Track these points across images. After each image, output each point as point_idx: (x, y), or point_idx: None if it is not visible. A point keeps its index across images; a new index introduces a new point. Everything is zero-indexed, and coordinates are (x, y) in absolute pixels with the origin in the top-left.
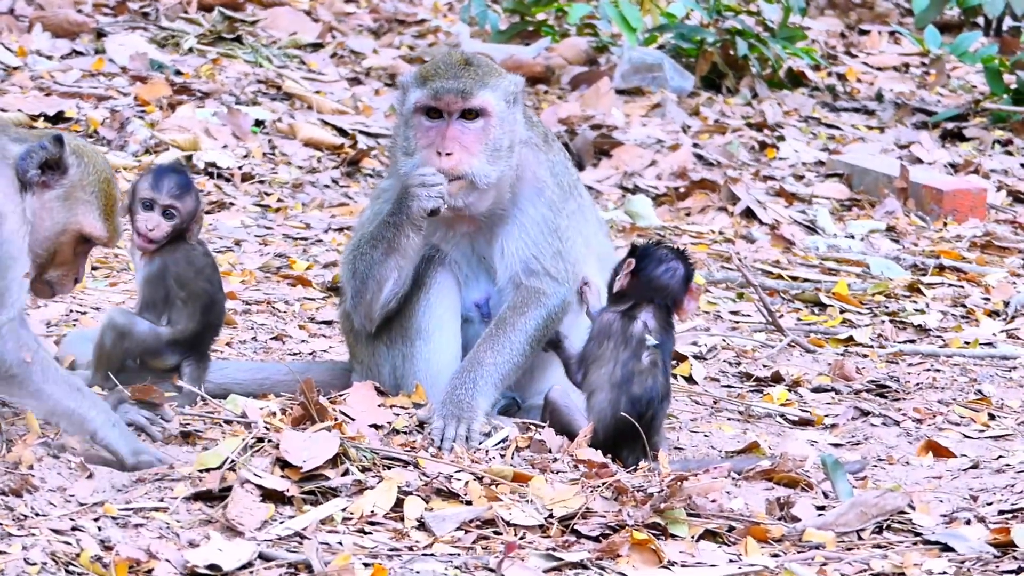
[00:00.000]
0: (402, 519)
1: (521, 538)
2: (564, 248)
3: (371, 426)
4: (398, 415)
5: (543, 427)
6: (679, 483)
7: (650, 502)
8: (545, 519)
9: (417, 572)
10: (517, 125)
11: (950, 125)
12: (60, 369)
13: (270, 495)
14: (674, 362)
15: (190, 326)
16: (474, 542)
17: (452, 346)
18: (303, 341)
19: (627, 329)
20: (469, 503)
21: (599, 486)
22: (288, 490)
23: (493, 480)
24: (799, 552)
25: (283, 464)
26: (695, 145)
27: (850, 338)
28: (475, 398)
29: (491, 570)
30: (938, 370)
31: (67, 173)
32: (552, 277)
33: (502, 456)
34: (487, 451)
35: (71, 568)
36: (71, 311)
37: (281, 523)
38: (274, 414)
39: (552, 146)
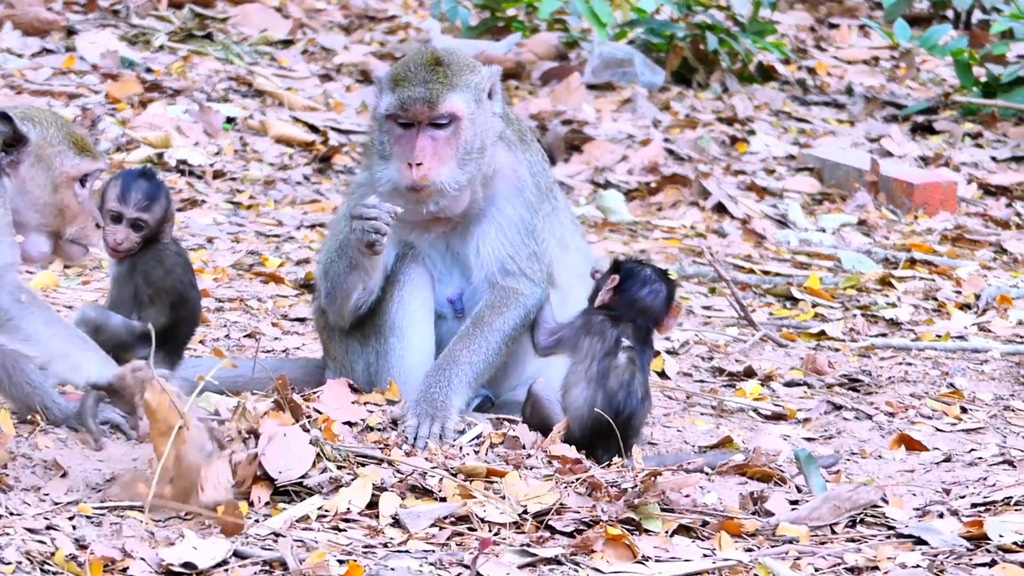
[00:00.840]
0: (377, 516)
1: (495, 534)
2: (539, 249)
3: (345, 423)
4: (371, 412)
5: (516, 423)
6: (652, 478)
7: (624, 498)
8: (519, 515)
9: (392, 569)
10: (491, 121)
11: (920, 118)
12: (57, 315)
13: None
14: None
15: (160, 320)
16: (448, 539)
17: (426, 342)
18: (276, 339)
19: (607, 329)
20: (443, 500)
21: (573, 482)
22: (260, 505)
23: (467, 477)
24: (773, 546)
25: (263, 475)
26: (666, 140)
27: (822, 332)
28: (449, 397)
29: (466, 566)
30: (910, 364)
31: (28, 141)
32: (528, 278)
33: (476, 453)
34: (461, 448)
35: (46, 567)
36: None
37: (256, 521)
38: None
39: (530, 145)
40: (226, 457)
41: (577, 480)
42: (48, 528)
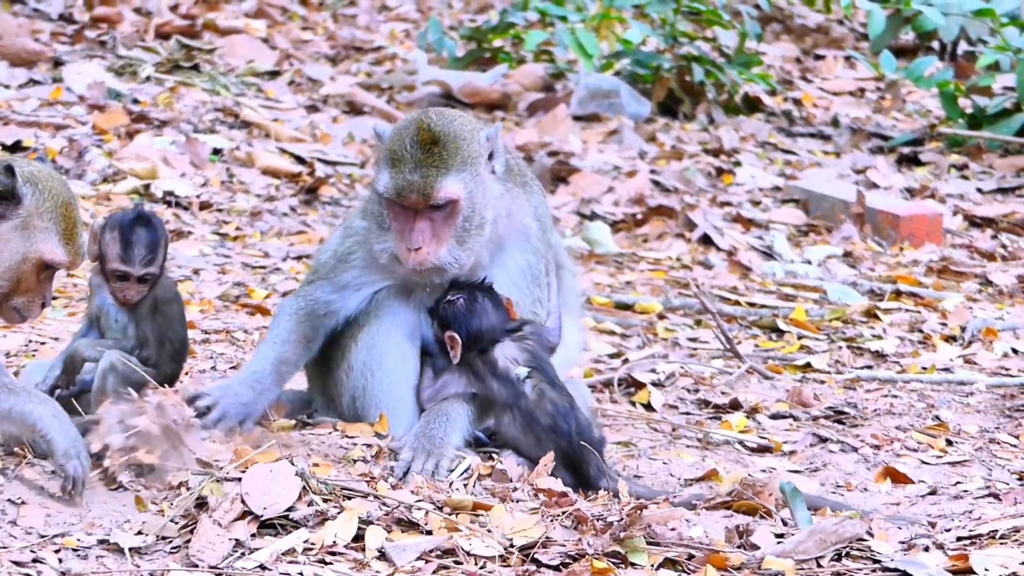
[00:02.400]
0: (363, 549)
1: (481, 567)
2: (543, 295)
3: (327, 456)
4: (355, 444)
5: (503, 458)
6: (638, 512)
7: (610, 531)
8: (505, 549)
9: None
10: (492, 187)
11: (906, 150)
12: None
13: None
14: (632, 389)
15: (171, 367)
16: (435, 572)
17: (411, 378)
18: None
19: (497, 372)
20: (429, 533)
21: (559, 515)
22: (247, 538)
23: (453, 510)
24: None
25: (246, 512)
26: (652, 171)
27: (808, 364)
28: (448, 434)
29: None
30: (895, 396)
31: (22, 203)
32: None
33: (465, 486)
34: (451, 484)
35: None
36: (30, 341)
37: (242, 555)
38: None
39: (532, 188)
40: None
41: (563, 513)
42: (34, 561)
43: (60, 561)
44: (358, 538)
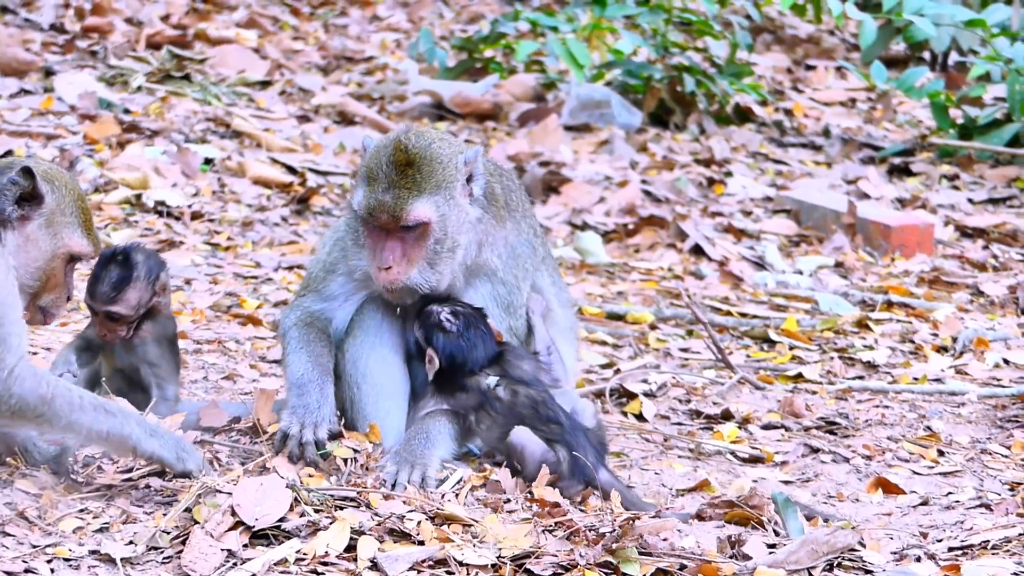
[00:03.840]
0: (355, 560)
1: None
2: (516, 324)
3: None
4: (341, 446)
5: (496, 469)
6: (631, 523)
7: (602, 542)
8: (497, 559)
9: None
10: (468, 212)
11: (897, 160)
12: (84, 393)
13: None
14: (623, 399)
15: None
16: None
17: (398, 388)
18: (254, 380)
19: (474, 388)
20: (422, 543)
21: (551, 526)
22: (239, 548)
23: (445, 520)
24: None
25: (238, 523)
26: (643, 181)
27: (799, 375)
28: (429, 448)
29: None
30: (887, 406)
31: (44, 202)
32: None
33: (456, 496)
34: (443, 495)
35: None
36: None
37: (234, 565)
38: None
39: (516, 215)
40: None
41: (555, 523)
42: (26, 572)
43: (52, 571)
44: (350, 548)
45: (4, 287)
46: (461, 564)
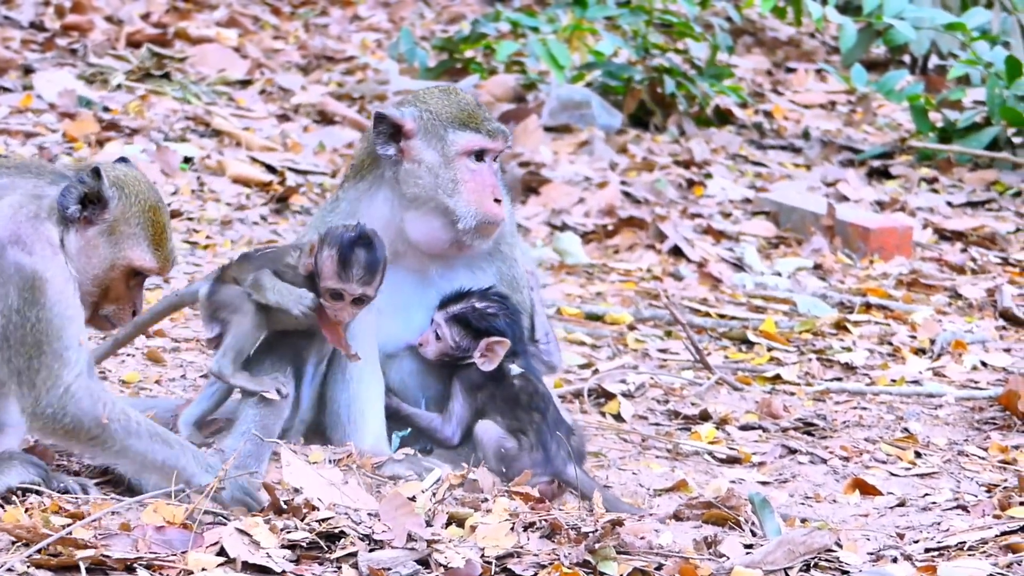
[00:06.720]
0: (336, 559)
1: None
2: (520, 298)
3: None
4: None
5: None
6: (613, 526)
7: (584, 542)
8: (480, 558)
9: None
10: None
11: (876, 163)
12: (141, 419)
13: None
14: (601, 399)
15: None
16: None
17: (373, 388)
18: None
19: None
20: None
21: (532, 525)
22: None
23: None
24: None
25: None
26: (623, 182)
27: (777, 376)
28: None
29: None
30: (865, 408)
31: (108, 207)
32: None
33: (434, 495)
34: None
35: None
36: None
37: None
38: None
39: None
40: None
41: (539, 520)
42: (8, 571)
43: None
44: (331, 543)
45: (63, 298)
46: (440, 565)
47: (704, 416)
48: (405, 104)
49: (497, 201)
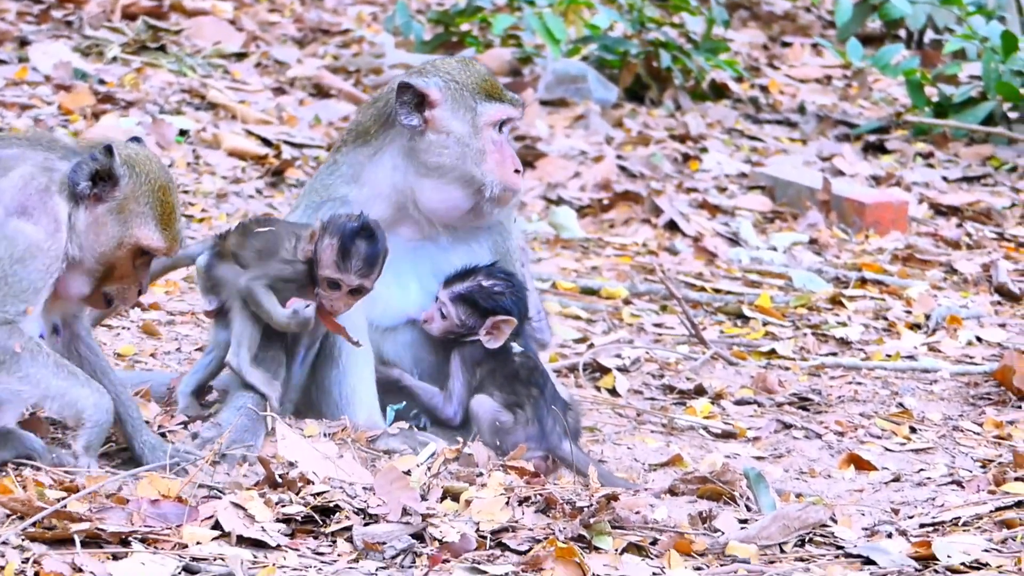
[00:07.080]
0: (331, 533)
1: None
2: (516, 271)
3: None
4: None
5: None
6: (608, 501)
7: (579, 517)
8: (475, 533)
9: None
10: None
11: (872, 138)
12: (57, 357)
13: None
14: (597, 374)
15: None
16: (399, 555)
17: (363, 366)
18: None
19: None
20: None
21: (527, 499)
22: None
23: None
24: (722, 565)
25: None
26: (619, 157)
27: (772, 351)
28: None
29: None
30: (860, 383)
31: (118, 185)
32: None
33: (429, 469)
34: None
35: None
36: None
37: (212, 539)
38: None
39: None
40: None
41: (534, 494)
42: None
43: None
44: (325, 520)
45: (44, 270)
46: (435, 539)
47: (699, 391)
48: (426, 74)
49: (517, 172)
